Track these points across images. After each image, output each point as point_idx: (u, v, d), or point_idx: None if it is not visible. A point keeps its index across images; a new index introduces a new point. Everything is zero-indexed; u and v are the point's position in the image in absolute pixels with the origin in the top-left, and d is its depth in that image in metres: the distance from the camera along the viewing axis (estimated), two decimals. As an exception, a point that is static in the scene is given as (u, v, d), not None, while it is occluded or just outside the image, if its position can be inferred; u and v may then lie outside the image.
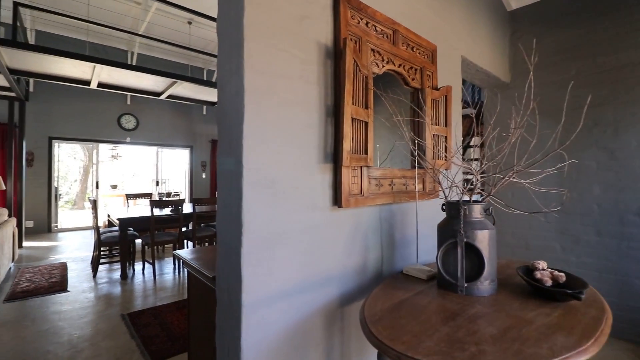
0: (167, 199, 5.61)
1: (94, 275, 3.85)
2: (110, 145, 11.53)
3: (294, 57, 1.19)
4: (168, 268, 4.28)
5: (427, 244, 1.80)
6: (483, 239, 1.13)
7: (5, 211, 4.21)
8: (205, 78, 7.66)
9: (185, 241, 4.36)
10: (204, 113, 9.12)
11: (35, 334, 2.43)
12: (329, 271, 1.29)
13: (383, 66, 1.58)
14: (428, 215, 1.80)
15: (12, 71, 4.07)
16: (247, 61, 1.04)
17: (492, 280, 1.15)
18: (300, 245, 1.18)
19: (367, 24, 1.49)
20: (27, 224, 6.43)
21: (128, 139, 7.88)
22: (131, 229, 3.93)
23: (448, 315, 0.97)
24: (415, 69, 1.80)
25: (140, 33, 5.73)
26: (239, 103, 1.05)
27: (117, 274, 3.95)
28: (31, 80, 6.35)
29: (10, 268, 4.08)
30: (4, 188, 5.47)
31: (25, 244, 5.68)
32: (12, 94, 5.21)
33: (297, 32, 1.20)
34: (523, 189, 1.63)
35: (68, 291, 3.34)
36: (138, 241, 4.21)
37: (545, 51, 2.70)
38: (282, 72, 1.14)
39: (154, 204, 3.80)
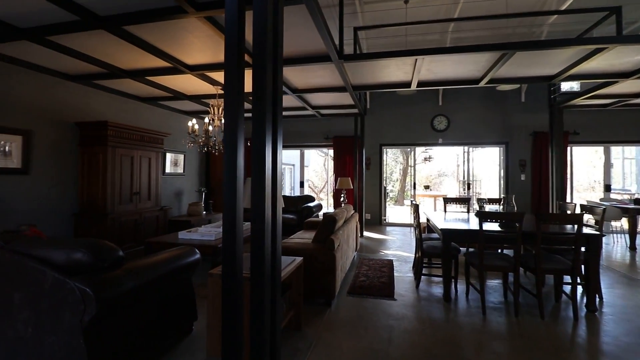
0: (487, 205, 4.64)
1: (417, 285, 3.61)
2: (423, 148, 12.38)
3: None
4: (494, 296, 3.29)
5: None
6: None
7: (351, 207, 5.04)
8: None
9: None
10: (522, 100, 7.32)
11: (367, 351, 2.28)
12: None
13: None
14: None
15: (354, 87, 4.79)
16: None
17: None
18: None
19: None
20: (366, 216, 7.83)
21: (440, 140, 7.74)
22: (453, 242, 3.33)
23: None
24: None
25: (455, 17, 5.17)
26: None
27: (437, 290, 3.49)
28: (367, 97, 7.68)
29: (354, 257, 4.78)
30: (352, 187, 6.86)
31: (365, 233, 6.85)
32: (356, 111, 6.40)
33: None
34: None
35: (395, 299, 3.22)
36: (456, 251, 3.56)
37: None
38: None
39: (483, 216, 2.93)
